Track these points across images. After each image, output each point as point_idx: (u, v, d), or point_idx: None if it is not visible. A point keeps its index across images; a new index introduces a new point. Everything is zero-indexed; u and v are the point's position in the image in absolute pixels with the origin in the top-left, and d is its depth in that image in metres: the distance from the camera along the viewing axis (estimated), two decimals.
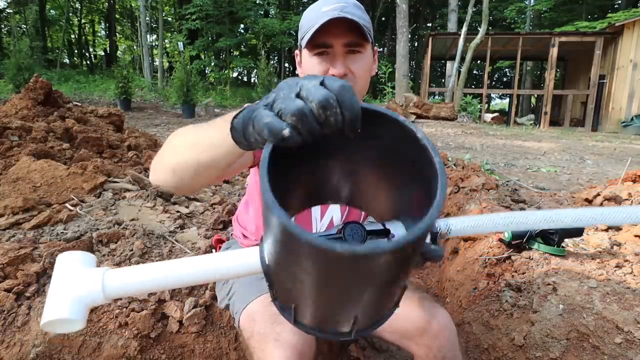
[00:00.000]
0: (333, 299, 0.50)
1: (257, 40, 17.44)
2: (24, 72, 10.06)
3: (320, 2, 0.97)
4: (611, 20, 13.36)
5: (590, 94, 12.62)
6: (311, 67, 0.96)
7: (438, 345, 1.01)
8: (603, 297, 1.26)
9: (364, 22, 0.93)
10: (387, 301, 0.55)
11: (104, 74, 18.17)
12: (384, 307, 0.56)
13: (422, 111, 10.15)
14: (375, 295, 0.50)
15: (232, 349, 1.39)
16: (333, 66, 0.94)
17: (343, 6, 0.94)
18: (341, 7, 0.93)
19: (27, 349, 1.20)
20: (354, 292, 0.47)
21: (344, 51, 0.95)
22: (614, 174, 4.29)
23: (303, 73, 1.01)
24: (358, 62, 0.97)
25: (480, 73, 25.35)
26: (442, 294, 2.04)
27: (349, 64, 0.96)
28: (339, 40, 0.93)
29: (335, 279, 0.45)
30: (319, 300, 0.51)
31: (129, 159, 2.92)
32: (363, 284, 0.46)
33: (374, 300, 0.52)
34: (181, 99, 11.24)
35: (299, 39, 1.01)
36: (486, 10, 11.65)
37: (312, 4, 1.00)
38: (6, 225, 1.72)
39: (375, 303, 0.53)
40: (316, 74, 0.93)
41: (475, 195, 2.54)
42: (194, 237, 1.80)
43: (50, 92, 3.04)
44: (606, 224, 0.69)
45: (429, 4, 26.34)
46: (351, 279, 0.45)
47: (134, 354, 1.25)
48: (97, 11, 26.97)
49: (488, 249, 1.79)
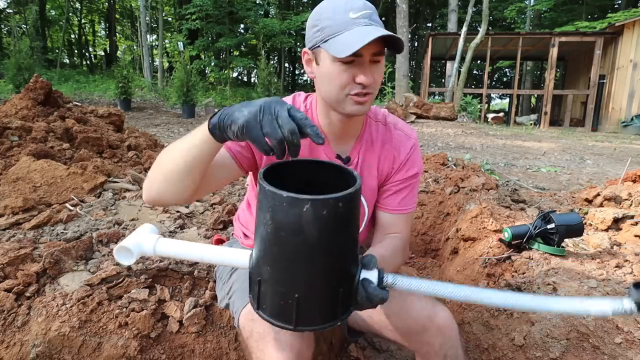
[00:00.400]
0: (292, 264, 0.67)
1: (257, 40, 17.46)
2: (24, 72, 10.06)
3: (343, 4, 0.93)
4: (611, 20, 13.36)
5: (590, 94, 12.62)
6: (336, 73, 0.93)
7: (440, 342, 1.01)
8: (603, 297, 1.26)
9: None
10: (333, 277, 0.70)
11: (104, 74, 18.19)
12: (331, 290, 0.71)
13: (422, 111, 10.15)
14: (319, 265, 0.67)
15: (232, 349, 1.39)
16: (364, 75, 0.93)
17: (370, 13, 0.92)
18: (369, 15, 0.92)
19: (27, 349, 1.20)
20: (302, 253, 0.65)
21: (371, 59, 0.94)
22: (614, 174, 4.29)
23: (321, 76, 0.98)
24: (379, 70, 0.97)
25: (480, 73, 25.35)
26: None
27: (373, 72, 0.95)
28: (369, 50, 0.91)
29: (285, 229, 0.64)
30: (289, 272, 0.68)
31: (129, 159, 2.92)
32: (302, 239, 0.63)
33: (320, 274, 0.69)
34: (181, 99, 11.24)
35: (314, 37, 0.95)
36: (486, 10, 11.66)
37: (331, 1, 0.95)
38: (6, 225, 1.72)
39: (321, 278, 0.69)
40: (341, 81, 0.93)
41: (475, 195, 2.54)
42: (194, 237, 1.80)
43: (50, 92, 3.04)
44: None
45: (429, 4, 26.35)
46: (292, 228, 0.63)
47: (134, 354, 1.25)
48: (97, 11, 26.99)
49: (488, 249, 1.79)
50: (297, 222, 0.62)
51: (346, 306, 0.73)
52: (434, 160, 3.47)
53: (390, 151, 1.14)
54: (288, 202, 0.61)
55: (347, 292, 0.72)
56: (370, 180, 1.14)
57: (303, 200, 0.61)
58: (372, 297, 0.73)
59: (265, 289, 0.71)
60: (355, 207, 0.69)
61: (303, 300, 0.68)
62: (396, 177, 1.15)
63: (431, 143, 6.74)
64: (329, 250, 0.67)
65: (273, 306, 0.72)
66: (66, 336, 1.22)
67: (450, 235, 2.30)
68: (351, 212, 0.67)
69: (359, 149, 1.12)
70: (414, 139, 1.17)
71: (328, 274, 0.69)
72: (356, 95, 0.96)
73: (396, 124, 1.17)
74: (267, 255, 0.68)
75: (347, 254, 0.71)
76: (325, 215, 0.62)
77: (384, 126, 1.16)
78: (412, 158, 1.15)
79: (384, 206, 1.15)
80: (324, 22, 0.93)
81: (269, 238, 0.66)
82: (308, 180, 0.77)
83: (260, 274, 0.71)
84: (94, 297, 1.29)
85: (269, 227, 0.65)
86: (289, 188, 0.64)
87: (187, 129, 8.41)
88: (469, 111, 11.84)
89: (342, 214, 0.64)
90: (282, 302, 0.70)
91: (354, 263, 0.74)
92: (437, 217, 2.68)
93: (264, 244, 0.68)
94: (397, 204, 1.14)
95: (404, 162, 1.14)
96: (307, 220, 0.62)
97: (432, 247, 2.59)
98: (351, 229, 0.70)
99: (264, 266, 0.70)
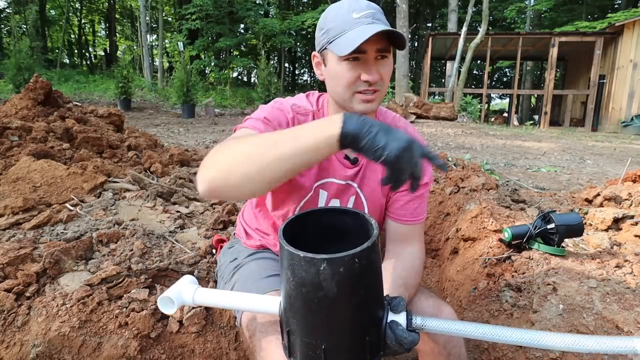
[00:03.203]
0: (317, 316, 0.69)
1: (257, 40, 17.46)
2: (24, 72, 10.07)
3: (347, 6, 0.95)
4: (611, 20, 13.36)
5: (590, 94, 12.62)
6: (342, 72, 0.96)
7: (444, 340, 1.01)
8: (603, 297, 1.26)
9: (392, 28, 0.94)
10: (356, 331, 0.71)
11: (104, 74, 18.18)
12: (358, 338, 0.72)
13: (422, 111, 10.15)
14: (344, 315, 0.69)
15: (232, 349, 1.39)
16: (368, 73, 0.94)
17: (373, 13, 0.94)
18: (372, 14, 0.94)
19: (27, 349, 1.20)
20: (325, 308, 0.67)
21: (375, 57, 0.95)
22: (614, 173, 4.29)
23: (329, 76, 1.01)
24: (386, 67, 0.98)
25: (480, 73, 25.35)
26: (442, 294, 2.04)
27: (379, 69, 0.96)
28: (372, 47, 0.93)
29: (306, 286, 0.65)
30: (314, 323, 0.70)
31: (129, 159, 2.92)
32: (324, 295, 0.65)
33: (344, 324, 0.70)
34: (181, 99, 11.24)
35: (321, 39, 0.99)
36: (486, 10, 11.66)
37: (337, 5, 0.98)
38: (6, 225, 1.72)
39: (344, 327, 0.70)
40: (347, 79, 0.95)
41: (475, 195, 2.54)
42: (194, 237, 1.80)
43: (50, 92, 3.04)
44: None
45: (429, 4, 26.35)
46: (312, 285, 0.64)
47: (134, 354, 1.25)
48: (97, 11, 26.99)
49: (488, 249, 1.79)
50: (316, 279, 0.64)
51: (375, 352, 0.74)
52: None
53: None
54: (305, 261, 0.64)
55: (375, 337, 0.73)
56: (374, 183, 1.14)
57: (319, 260, 0.63)
58: (401, 340, 0.72)
59: (294, 339, 0.74)
60: (375, 259, 0.69)
61: (330, 350, 0.70)
62: (405, 185, 1.14)
63: (431, 143, 6.74)
64: (351, 303, 0.68)
65: (302, 355, 0.73)
66: (66, 336, 1.22)
67: (450, 235, 2.30)
68: (369, 266, 0.67)
69: None
70: (423, 144, 1.17)
71: (352, 325, 0.71)
72: (363, 93, 0.97)
73: (406, 128, 1.17)
74: (292, 309, 0.71)
75: (370, 303, 0.72)
76: (343, 272, 0.64)
77: None
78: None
79: (398, 217, 1.14)
80: (329, 24, 0.97)
81: (292, 294, 0.69)
82: (331, 225, 0.78)
83: (289, 325, 0.74)
84: (94, 297, 1.29)
85: (291, 283, 0.68)
86: (311, 237, 0.67)
87: (187, 128, 8.41)
88: (469, 111, 11.84)
89: (359, 269, 0.65)
90: (310, 353, 0.72)
91: (380, 308, 0.75)
92: (437, 217, 2.67)
93: (288, 298, 0.71)
94: (410, 214, 1.13)
95: None
96: (324, 278, 0.64)
97: (432, 247, 2.59)
98: (372, 281, 0.71)
99: (291, 318, 0.73)
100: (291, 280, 0.67)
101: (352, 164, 1.11)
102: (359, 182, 1.12)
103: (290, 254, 0.65)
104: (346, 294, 0.66)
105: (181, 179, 2.68)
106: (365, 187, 1.12)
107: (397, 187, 0.72)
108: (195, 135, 7.28)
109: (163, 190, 2.27)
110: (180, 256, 1.57)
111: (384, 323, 0.74)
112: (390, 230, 1.16)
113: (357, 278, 0.66)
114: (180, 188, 2.46)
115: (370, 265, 0.68)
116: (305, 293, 0.67)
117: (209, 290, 0.90)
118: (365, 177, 1.13)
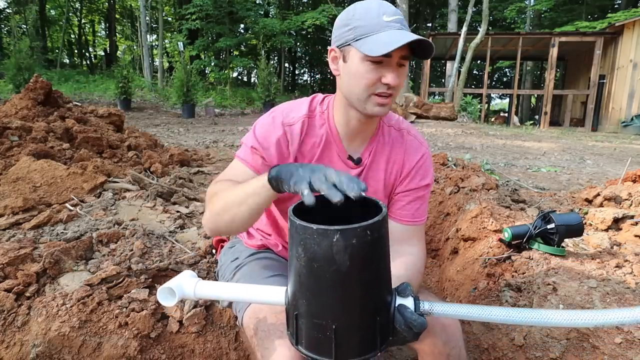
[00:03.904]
0: (325, 292, 0.69)
1: (257, 40, 17.46)
2: (24, 72, 10.07)
3: (377, 6, 0.96)
4: (611, 20, 13.36)
5: (590, 94, 12.62)
6: (364, 72, 0.96)
7: (443, 341, 1.01)
8: (603, 297, 1.26)
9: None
10: (368, 302, 0.71)
11: (104, 74, 18.17)
12: (367, 316, 0.72)
13: (422, 111, 10.15)
14: (354, 293, 0.69)
15: (232, 349, 1.39)
16: (390, 76, 0.95)
17: (401, 19, 0.95)
18: (401, 20, 0.95)
19: (27, 349, 1.20)
20: (336, 284, 0.67)
21: (398, 62, 0.96)
22: (614, 174, 4.29)
23: (347, 73, 1.00)
24: (403, 74, 0.99)
25: (480, 73, 25.34)
26: (442, 294, 2.04)
27: (398, 75, 0.97)
28: (399, 52, 0.94)
29: (317, 260, 0.66)
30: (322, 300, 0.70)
31: (129, 159, 2.92)
32: (336, 268, 0.65)
33: (354, 301, 0.70)
34: (181, 99, 11.25)
35: (345, 35, 0.98)
36: (486, 10, 11.66)
37: (363, 2, 0.98)
38: (6, 225, 1.72)
39: (355, 304, 0.70)
40: (368, 80, 0.96)
41: (475, 195, 2.54)
42: (194, 237, 1.80)
43: (50, 92, 3.04)
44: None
45: (429, 4, 26.34)
46: (324, 259, 0.65)
47: (134, 354, 1.25)
48: (97, 11, 26.97)
49: (488, 249, 1.79)
50: (329, 252, 0.65)
51: (384, 335, 0.74)
52: (434, 160, 3.47)
53: (400, 156, 1.14)
54: (318, 234, 0.65)
55: (385, 320, 0.73)
56: (376, 183, 1.14)
57: (333, 231, 0.64)
58: (410, 323, 0.73)
59: (302, 323, 0.73)
60: (384, 235, 0.70)
61: (341, 330, 0.70)
62: (407, 186, 1.15)
63: (431, 143, 6.74)
64: (362, 278, 0.68)
65: (311, 340, 0.73)
66: (66, 336, 1.22)
67: (450, 235, 2.30)
68: (380, 240, 0.69)
69: (370, 150, 1.13)
70: (425, 148, 1.18)
71: (364, 302, 0.71)
72: (380, 95, 0.98)
73: (409, 131, 1.18)
74: (302, 288, 0.71)
75: (380, 281, 0.73)
76: (355, 244, 0.65)
77: (397, 131, 1.17)
78: (425, 167, 1.15)
79: (399, 217, 1.14)
80: (356, 22, 0.96)
81: (303, 271, 0.69)
82: (333, 215, 0.78)
83: (297, 308, 0.73)
84: (94, 297, 1.29)
85: (302, 260, 0.68)
86: (317, 223, 0.67)
87: (187, 129, 8.41)
88: (469, 111, 11.84)
89: (371, 242, 0.66)
90: (320, 335, 0.71)
91: (388, 291, 0.75)
92: (437, 217, 2.68)
93: (298, 277, 0.71)
94: (411, 215, 1.13)
95: (414, 169, 1.14)
96: (337, 250, 0.64)
97: (432, 247, 2.59)
98: (382, 256, 0.71)
99: (300, 300, 0.72)
100: (302, 257, 0.67)
101: (355, 164, 1.12)
102: None
103: (303, 228, 0.66)
104: (358, 268, 0.67)
105: (181, 179, 2.68)
106: (368, 187, 1.13)
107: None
108: (195, 135, 7.28)
109: (163, 190, 2.27)
110: (180, 256, 1.57)
111: (393, 307, 0.74)
112: (391, 231, 1.16)
113: (369, 251, 0.67)
114: (180, 188, 2.46)
115: (381, 239, 0.69)
116: (317, 269, 0.67)
117: (210, 282, 0.90)
118: (368, 178, 1.14)
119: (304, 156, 1.10)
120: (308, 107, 1.12)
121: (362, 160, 1.13)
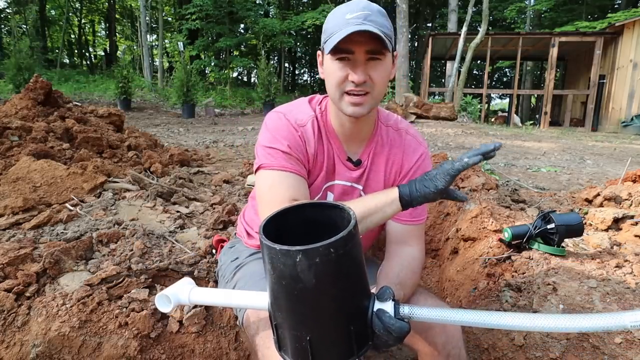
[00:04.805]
0: (299, 309, 0.70)
1: (257, 40, 17.43)
2: (24, 72, 10.06)
3: (345, 7, 0.98)
4: (611, 20, 13.35)
5: (590, 94, 12.62)
6: (332, 71, 0.99)
7: (443, 341, 1.01)
8: (603, 297, 1.26)
9: (386, 30, 0.95)
10: (339, 320, 0.72)
11: (104, 74, 18.16)
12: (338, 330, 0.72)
13: (422, 111, 10.14)
14: (323, 309, 0.70)
15: (232, 349, 1.39)
16: (354, 72, 0.96)
17: (367, 14, 0.95)
18: (365, 16, 0.95)
19: (27, 349, 1.20)
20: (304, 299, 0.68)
21: (365, 58, 0.96)
22: (614, 174, 4.29)
23: (325, 74, 1.04)
24: (378, 70, 0.99)
25: (480, 73, 25.33)
26: (442, 294, 2.04)
27: (369, 71, 0.97)
28: (360, 47, 0.95)
29: (285, 279, 0.66)
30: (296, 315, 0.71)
31: (129, 159, 2.92)
32: (302, 286, 0.66)
33: (326, 317, 0.71)
34: (181, 99, 11.24)
35: (322, 40, 1.03)
36: (486, 10, 11.65)
37: (338, 7, 1.01)
38: (6, 225, 1.72)
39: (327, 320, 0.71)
40: (336, 78, 0.98)
41: (475, 195, 2.54)
42: (194, 237, 1.80)
43: (50, 92, 3.04)
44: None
45: (429, 4, 26.33)
46: (290, 277, 0.65)
47: (134, 354, 1.25)
48: (97, 11, 26.95)
49: (488, 249, 1.79)
50: (294, 271, 0.65)
51: (362, 342, 0.74)
52: (434, 161, 3.47)
53: (399, 156, 1.15)
54: (282, 254, 0.65)
55: (361, 327, 0.73)
56: (376, 184, 1.14)
57: (295, 251, 0.64)
58: (389, 327, 0.72)
59: (282, 332, 0.75)
60: (351, 250, 0.69)
61: (315, 341, 0.71)
62: None
63: (431, 143, 6.74)
64: (330, 294, 0.69)
65: (292, 348, 0.74)
66: (66, 336, 1.22)
67: (450, 235, 2.30)
68: (346, 255, 0.67)
69: (369, 152, 1.14)
70: (424, 147, 1.18)
71: (335, 315, 0.71)
72: (350, 94, 0.99)
73: (408, 130, 1.18)
74: (277, 302, 0.72)
75: (352, 293, 0.72)
76: (319, 262, 0.64)
77: (395, 131, 1.17)
78: (423, 167, 1.15)
79: (398, 217, 1.13)
80: (327, 24, 1.01)
81: (274, 287, 0.70)
82: (317, 220, 0.78)
83: (276, 319, 0.75)
84: (94, 297, 1.29)
85: (272, 277, 0.69)
86: (295, 232, 0.68)
87: (187, 128, 8.41)
88: (469, 111, 11.83)
89: (336, 259, 0.65)
90: (297, 345, 0.72)
91: (364, 297, 0.75)
92: (437, 217, 2.67)
93: (272, 292, 0.72)
94: (410, 214, 1.12)
95: (413, 169, 1.15)
96: (302, 269, 0.65)
97: (432, 247, 2.59)
98: (353, 269, 0.71)
99: (277, 312, 0.74)
100: (272, 274, 0.68)
101: (355, 166, 1.13)
102: (364, 184, 1.15)
103: (268, 248, 0.66)
104: (325, 285, 0.67)
105: (181, 179, 2.68)
106: (369, 188, 1.14)
107: None
108: (195, 135, 7.27)
109: (163, 190, 2.27)
110: (180, 256, 1.57)
111: (370, 312, 0.74)
112: (390, 231, 1.16)
113: (335, 268, 0.66)
114: (180, 188, 2.46)
115: (348, 254, 0.67)
116: (285, 285, 0.67)
117: (203, 289, 0.94)
118: (369, 179, 1.14)
119: (318, 154, 1.11)
120: (311, 108, 1.13)
121: (362, 162, 1.13)
